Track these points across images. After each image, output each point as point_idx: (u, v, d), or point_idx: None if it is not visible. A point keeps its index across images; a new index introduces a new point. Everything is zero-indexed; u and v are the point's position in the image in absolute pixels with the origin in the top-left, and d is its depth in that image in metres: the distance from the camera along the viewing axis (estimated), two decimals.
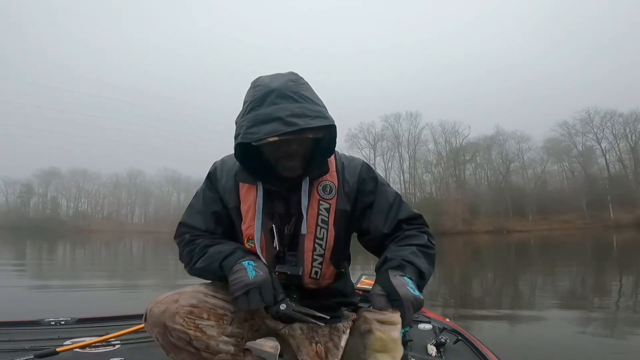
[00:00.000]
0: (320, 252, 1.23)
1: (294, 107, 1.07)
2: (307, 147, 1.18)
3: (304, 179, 1.21)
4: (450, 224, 41.74)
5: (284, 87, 1.10)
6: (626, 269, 10.27)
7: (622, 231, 29.76)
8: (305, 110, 1.08)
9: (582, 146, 47.30)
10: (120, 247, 25.13)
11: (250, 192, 1.24)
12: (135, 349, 2.08)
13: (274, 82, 1.12)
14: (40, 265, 12.77)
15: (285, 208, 1.24)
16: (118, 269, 12.34)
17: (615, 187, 42.57)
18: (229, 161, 1.32)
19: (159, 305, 1.11)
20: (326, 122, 1.10)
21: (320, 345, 1.29)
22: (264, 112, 1.07)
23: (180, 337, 1.09)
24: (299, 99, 1.09)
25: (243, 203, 1.25)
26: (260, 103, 1.09)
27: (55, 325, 2.46)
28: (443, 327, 2.50)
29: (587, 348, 2.31)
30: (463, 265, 12.57)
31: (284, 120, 1.05)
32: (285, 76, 1.15)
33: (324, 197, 1.23)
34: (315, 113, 1.09)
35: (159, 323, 1.09)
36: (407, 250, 1.15)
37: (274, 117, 1.06)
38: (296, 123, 1.05)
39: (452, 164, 52.03)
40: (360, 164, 1.31)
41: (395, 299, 0.96)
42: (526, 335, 2.61)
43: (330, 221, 1.23)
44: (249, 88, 1.17)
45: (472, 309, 5.68)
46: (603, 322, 4.73)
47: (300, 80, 1.16)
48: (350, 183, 1.26)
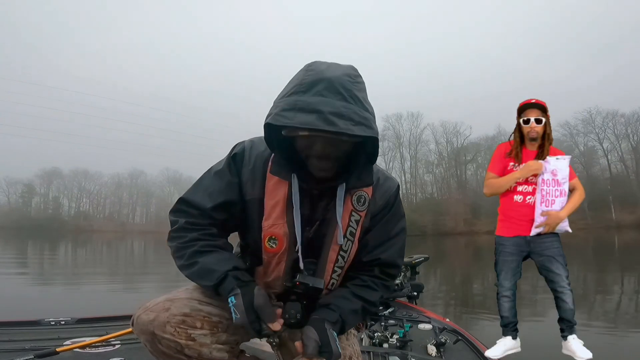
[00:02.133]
0: (341, 264, 1.16)
1: (341, 105, 0.95)
2: (344, 151, 1.06)
3: (340, 184, 1.11)
4: (451, 224, 41.76)
5: (337, 80, 0.97)
6: (628, 270, 10.25)
7: (624, 232, 29.69)
8: (351, 113, 0.95)
9: (584, 146, 47.30)
10: (122, 247, 25.16)
11: (280, 187, 1.12)
12: (135, 349, 2.08)
13: (329, 72, 0.99)
14: (42, 265, 12.80)
15: (310, 210, 1.14)
16: (119, 269, 12.36)
17: (617, 187, 42.49)
18: (259, 145, 1.16)
19: (148, 313, 1.04)
20: (369, 132, 0.98)
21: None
22: (306, 100, 0.95)
23: (170, 345, 1.04)
24: (349, 97, 0.97)
25: (269, 197, 1.12)
26: (306, 89, 0.97)
27: (55, 325, 2.47)
28: (443, 327, 2.50)
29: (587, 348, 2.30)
30: (464, 266, 12.55)
31: (324, 115, 0.93)
32: (343, 68, 1.03)
33: (357, 208, 1.15)
34: (361, 119, 0.97)
35: (147, 331, 1.03)
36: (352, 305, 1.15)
37: (315, 108, 0.94)
38: (335, 123, 0.93)
39: (454, 164, 51.96)
40: (394, 189, 1.22)
41: (327, 352, 1.03)
42: (526, 335, 2.60)
43: (356, 234, 1.16)
44: (300, 70, 1.04)
45: (473, 309, 5.68)
46: (604, 322, 4.72)
47: (358, 78, 1.03)
48: (377, 204, 1.18)
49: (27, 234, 38.02)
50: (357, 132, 0.95)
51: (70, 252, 19.95)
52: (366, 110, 1.00)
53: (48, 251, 19.40)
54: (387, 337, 2.26)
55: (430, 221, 42.73)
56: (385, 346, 2.19)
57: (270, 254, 1.14)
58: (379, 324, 2.54)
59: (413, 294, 3.26)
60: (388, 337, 2.26)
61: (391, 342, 2.22)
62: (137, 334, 1.07)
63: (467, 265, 13.08)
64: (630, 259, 13.18)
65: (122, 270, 12.03)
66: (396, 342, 2.22)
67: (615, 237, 24.57)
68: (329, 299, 1.14)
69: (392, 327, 2.52)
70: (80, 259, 16.17)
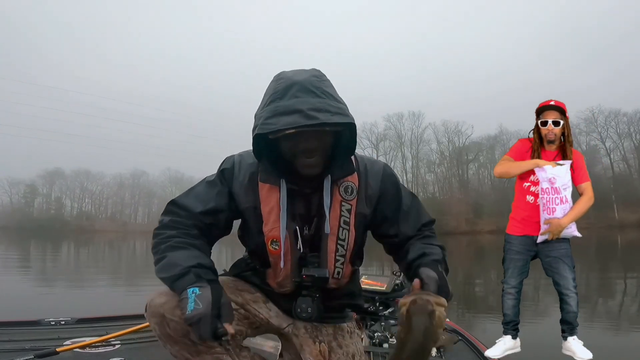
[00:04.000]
0: (342, 253, 1.22)
1: (316, 101, 1.06)
2: (327, 144, 1.14)
3: (326, 177, 1.18)
4: (453, 223, 41.66)
5: (306, 82, 1.09)
6: (631, 269, 10.22)
7: (627, 231, 29.61)
8: (327, 106, 1.06)
9: (586, 145, 46.99)
10: (124, 247, 25.21)
11: (273, 193, 1.20)
12: (135, 349, 2.08)
13: (297, 76, 1.10)
14: (43, 265, 12.84)
15: (306, 209, 1.22)
16: (120, 269, 12.39)
17: (619, 186, 42.32)
18: (247, 158, 1.25)
19: (161, 296, 1.11)
20: (347, 119, 1.09)
21: (324, 345, 1.29)
22: (285, 104, 1.06)
23: (177, 328, 1.08)
24: (320, 94, 1.08)
25: (264, 204, 1.20)
26: (281, 95, 1.08)
27: (55, 325, 2.47)
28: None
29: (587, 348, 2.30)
30: (466, 265, 12.53)
31: (304, 113, 1.03)
32: (309, 72, 1.14)
33: (345, 198, 1.21)
34: (337, 109, 1.08)
35: (158, 313, 1.09)
36: (436, 250, 1.19)
37: (294, 109, 1.04)
38: (316, 117, 1.03)
39: (455, 164, 51.82)
40: (383, 168, 1.29)
41: (444, 290, 1.03)
42: (526, 335, 2.59)
43: (351, 222, 1.22)
44: (271, 81, 1.15)
45: (473, 309, 5.67)
46: (605, 322, 4.71)
47: (323, 77, 1.14)
48: (372, 187, 1.25)
49: (30, 235, 38.15)
50: (337, 120, 1.06)
51: (72, 252, 20.00)
52: (339, 102, 1.11)
53: (50, 251, 19.46)
54: (387, 337, 2.26)
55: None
56: (385, 346, 2.19)
57: (275, 255, 1.21)
58: (379, 324, 2.53)
59: None
60: (388, 337, 2.26)
61: (391, 342, 2.22)
62: (148, 317, 1.13)
63: (469, 265, 13.05)
64: (632, 258, 13.13)
65: (123, 270, 12.06)
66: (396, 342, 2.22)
67: (618, 236, 24.49)
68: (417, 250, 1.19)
69: (392, 327, 2.52)
70: (81, 259, 16.21)
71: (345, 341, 1.33)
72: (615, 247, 17.98)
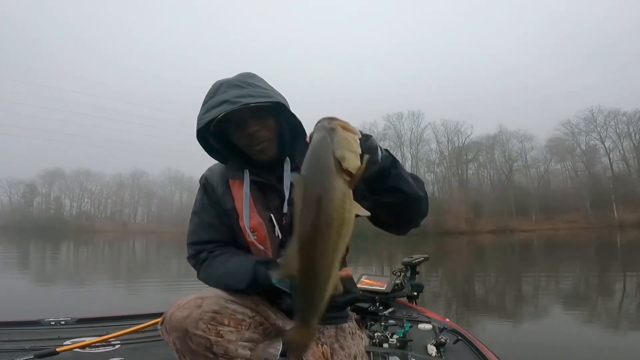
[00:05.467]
0: None
1: (241, 91, 1.18)
2: (270, 128, 1.23)
3: (285, 161, 1.26)
4: (453, 223, 41.63)
5: (234, 79, 1.23)
6: (630, 269, 10.22)
7: (627, 231, 29.60)
8: (251, 92, 1.18)
9: (586, 145, 47.10)
10: (123, 247, 25.20)
11: (241, 187, 1.27)
12: (135, 349, 2.08)
13: (226, 79, 1.24)
14: (43, 265, 12.83)
15: (280, 200, 1.27)
16: (120, 269, 12.38)
17: (619, 186, 42.29)
18: (215, 168, 1.38)
19: (182, 310, 1.08)
20: (271, 99, 1.18)
21: (327, 347, 1.29)
22: (215, 99, 1.19)
23: (201, 342, 1.07)
24: (246, 86, 1.20)
25: (236, 199, 1.28)
26: (212, 94, 1.22)
27: (55, 325, 2.46)
28: (443, 327, 2.49)
29: (587, 348, 2.29)
30: (465, 265, 12.53)
31: (230, 101, 1.16)
32: (239, 74, 1.26)
33: None
34: (261, 94, 1.18)
35: (180, 328, 1.07)
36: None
37: (222, 100, 1.17)
38: (240, 102, 1.15)
39: (455, 164, 51.78)
40: None
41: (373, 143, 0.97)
42: (527, 335, 2.59)
43: None
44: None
45: (473, 308, 5.66)
46: (605, 322, 4.71)
47: (254, 76, 1.26)
48: None
49: (29, 234, 38.12)
50: (260, 100, 1.16)
51: (71, 252, 19.99)
52: (265, 89, 1.21)
53: (49, 251, 19.45)
54: (387, 337, 2.26)
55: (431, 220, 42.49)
56: (385, 346, 2.18)
57: (254, 246, 1.26)
58: (379, 324, 2.53)
59: (413, 294, 3.24)
60: (388, 337, 2.25)
61: (391, 342, 2.21)
62: (167, 331, 1.10)
63: (469, 265, 13.05)
64: (631, 258, 13.13)
65: (123, 270, 12.05)
66: (396, 342, 2.21)
67: (618, 236, 24.49)
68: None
69: (392, 327, 2.51)
70: (81, 258, 16.20)
71: (347, 342, 1.33)
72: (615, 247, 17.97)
